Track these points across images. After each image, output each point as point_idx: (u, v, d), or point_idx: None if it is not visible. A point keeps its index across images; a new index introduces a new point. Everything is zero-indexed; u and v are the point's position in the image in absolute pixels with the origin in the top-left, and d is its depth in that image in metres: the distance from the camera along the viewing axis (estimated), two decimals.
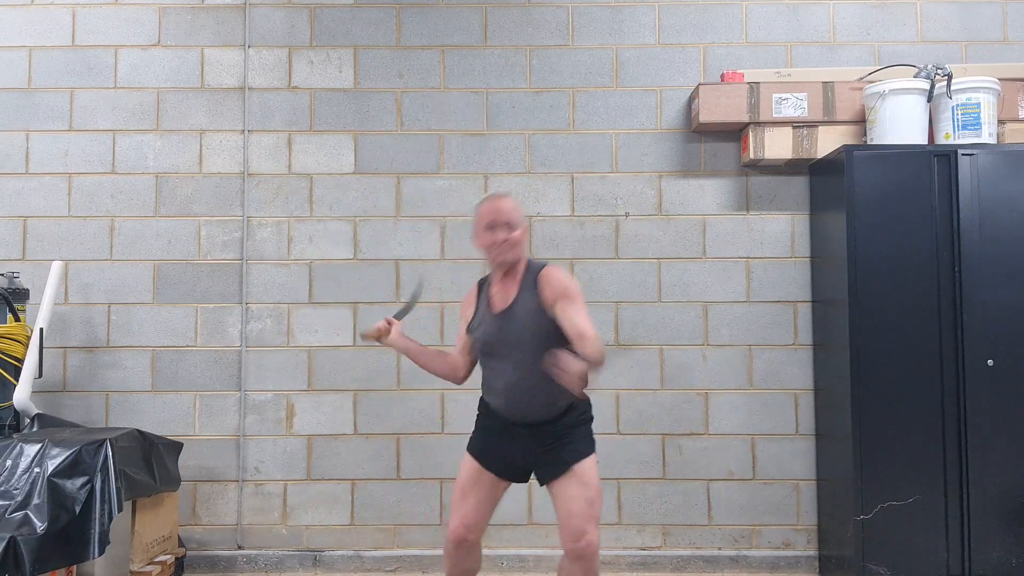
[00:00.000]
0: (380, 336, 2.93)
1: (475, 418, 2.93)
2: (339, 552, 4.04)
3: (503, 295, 2.77)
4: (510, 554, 3.98)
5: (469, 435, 2.92)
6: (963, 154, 3.60)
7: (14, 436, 3.38)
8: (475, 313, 2.85)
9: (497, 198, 2.79)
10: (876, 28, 4.19)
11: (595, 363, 2.49)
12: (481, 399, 2.90)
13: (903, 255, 3.59)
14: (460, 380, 2.94)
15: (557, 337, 2.63)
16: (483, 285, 2.89)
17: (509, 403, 2.73)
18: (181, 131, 4.18)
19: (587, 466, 2.70)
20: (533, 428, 2.73)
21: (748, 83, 3.94)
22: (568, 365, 2.41)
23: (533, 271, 2.75)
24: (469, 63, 4.19)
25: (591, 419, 2.81)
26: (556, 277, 2.70)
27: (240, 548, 4.05)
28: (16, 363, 3.69)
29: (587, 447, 2.74)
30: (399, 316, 3.01)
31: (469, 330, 2.84)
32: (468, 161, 4.16)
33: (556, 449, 2.71)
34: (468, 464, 2.82)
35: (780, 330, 4.09)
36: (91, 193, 4.16)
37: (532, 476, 2.84)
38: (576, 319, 2.60)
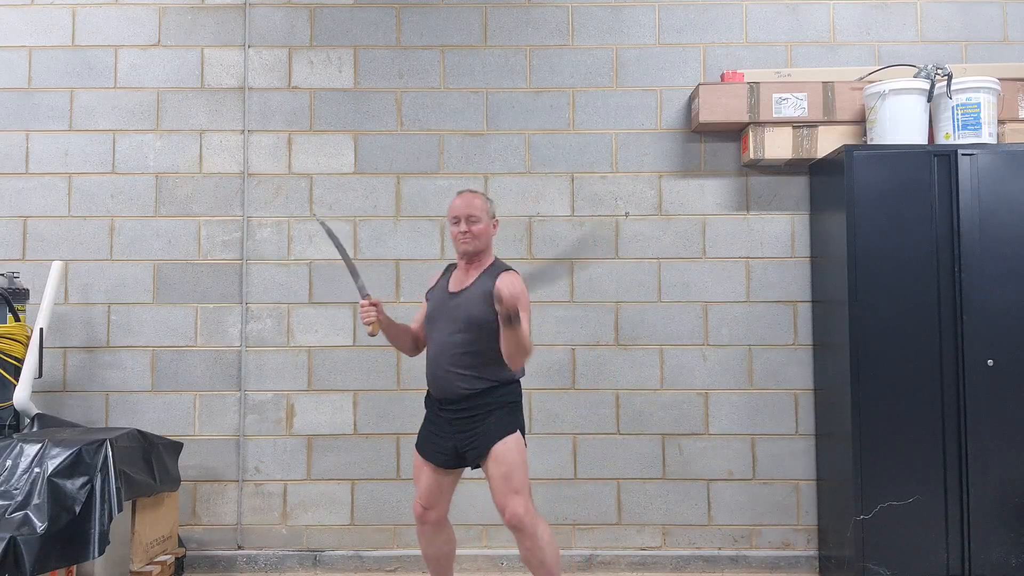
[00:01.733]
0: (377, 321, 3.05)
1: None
2: (339, 552, 4.04)
3: (461, 280, 3.09)
4: (510, 554, 3.98)
5: None
6: (963, 154, 3.60)
7: (14, 436, 3.38)
8: (433, 288, 3.19)
9: (466, 194, 3.10)
10: (876, 28, 4.19)
11: (520, 357, 2.89)
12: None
13: (903, 255, 3.59)
14: (418, 350, 3.24)
15: (490, 329, 2.92)
16: (448, 269, 3.22)
17: (435, 372, 3.03)
18: (181, 131, 4.18)
19: (503, 447, 2.93)
20: (454, 407, 2.99)
21: (748, 83, 3.94)
22: (506, 296, 2.73)
23: (496, 269, 3.06)
24: (469, 63, 4.19)
25: (515, 402, 3.05)
26: (513, 282, 2.95)
27: (240, 548, 4.05)
28: (16, 363, 3.69)
29: (504, 428, 2.97)
30: (360, 286, 3.12)
31: (426, 298, 3.21)
32: (468, 161, 4.16)
33: (477, 434, 2.96)
34: (415, 455, 3.14)
35: (780, 330, 4.09)
36: (91, 193, 4.16)
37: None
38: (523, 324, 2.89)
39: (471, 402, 2.97)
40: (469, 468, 3.07)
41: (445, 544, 3.15)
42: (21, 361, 3.67)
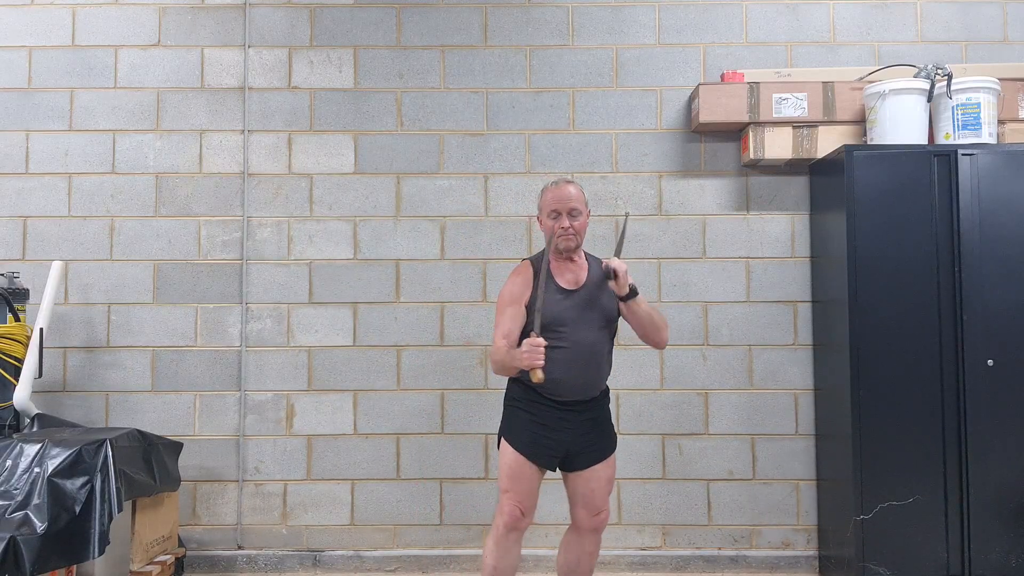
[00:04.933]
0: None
1: (510, 410, 2.98)
2: (339, 552, 4.04)
3: (571, 276, 2.94)
4: None
5: (500, 430, 3.01)
6: (963, 154, 3.60)
7: (14, 436, 3.38)
8: (534, 292, 2.85)
9: (564, 184, 2.92)
10: (876, 28, 4.20)
11: (662, 327, 2.99)
12: (520, 387, 2.93)
13: (903, 255, 3.59)
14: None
15: (615, 326, 3.00)
16: (534, 268, 2.93)
17: (575, 375, 2.85)
18: (181, 131, 4.18)
19: (613, 453, 3.04)
20: (581, 407, 2.91)
21: (748, 83, 3.94)
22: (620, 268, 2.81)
23: (595, 260, 3.00)
24: (469, 63, 4.19)
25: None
26: (623, 268, 2.88)
27: (240, 548, 4.05)
28: (16, 363, 3.68)
29: (614, 434, 3.06)
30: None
31: (535, 308, 2.80)
32: (468, 161, 4.16)
33: (597, 439, 2.97)
34: (513, 456, 2.90)
35: (780, 330, 4.09)
36: (91, 193, 4.16)
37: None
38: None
39: (598, 402, 2.97)
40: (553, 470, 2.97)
41: (518, 559, 2.97)
42: (21, 361, 3.67)
